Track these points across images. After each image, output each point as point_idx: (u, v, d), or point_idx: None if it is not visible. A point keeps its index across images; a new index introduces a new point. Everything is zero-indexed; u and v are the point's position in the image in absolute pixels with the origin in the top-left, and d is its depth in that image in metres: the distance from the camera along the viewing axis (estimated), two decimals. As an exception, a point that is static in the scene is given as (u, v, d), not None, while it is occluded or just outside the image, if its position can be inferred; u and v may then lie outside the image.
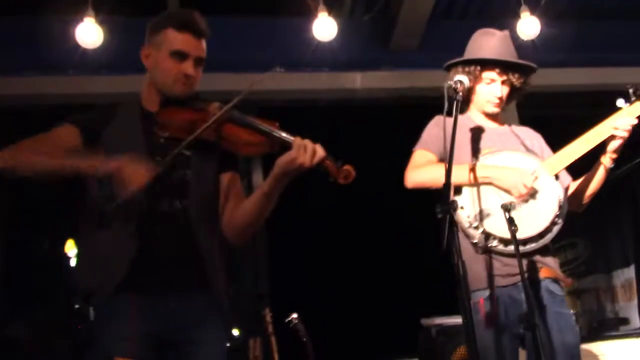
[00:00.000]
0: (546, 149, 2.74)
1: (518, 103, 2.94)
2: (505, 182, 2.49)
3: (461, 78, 2.35)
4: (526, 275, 2.38)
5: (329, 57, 4.96)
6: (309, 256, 5.54)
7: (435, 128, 2.73)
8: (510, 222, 2.27)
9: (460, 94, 2.31)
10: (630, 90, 2.51)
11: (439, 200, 2.08)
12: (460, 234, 2.36)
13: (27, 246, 5.26)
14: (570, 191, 2.68)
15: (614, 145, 2.52)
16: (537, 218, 2.46)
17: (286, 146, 2.01)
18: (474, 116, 2.77)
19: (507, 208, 2.29)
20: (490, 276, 2.45)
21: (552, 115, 5.05)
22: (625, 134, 2.49)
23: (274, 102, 5.10)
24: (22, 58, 4.70)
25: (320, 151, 1.97)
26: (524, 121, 3.34)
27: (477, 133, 2.67)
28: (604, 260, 6.70)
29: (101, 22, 4.22)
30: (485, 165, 2.54)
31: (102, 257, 2.00)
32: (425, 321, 4.31)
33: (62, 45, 4.43)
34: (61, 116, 2.12)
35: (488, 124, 2.73)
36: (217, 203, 2.17)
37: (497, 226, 2.43)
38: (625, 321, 6.07)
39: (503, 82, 2.68)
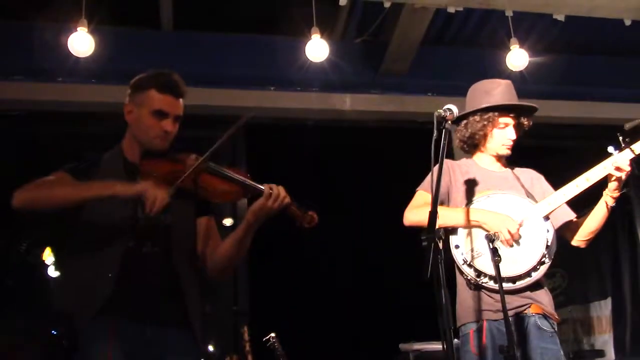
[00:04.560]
0: (548, 189, 2.84)
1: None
2: (491, 228, 2.59)
3: (451, 107, 2.37)
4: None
5: (320, 78, 5.00)
6: (291, 276, 5.52)
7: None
8: (494, 252, 2.36)
9: (449, 122, 2.33)
10: (620, 138, 2.59)
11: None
12: (455, 270, 2.64)
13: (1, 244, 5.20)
14: (574, 228, 2.79)
15: (611, 185, 2.62)
16: (524, 258, 2.59)
17: (258, 193, 2.18)
18: (480, 159, 2.88)
19: (490, 238, 2.42)
20: (481, 310, 2.58)
21: (537, 146, 5.09)
22: (621, 174, 2.56)
23: (262, 120, 5.12)
24: (13, 63, 4.68)
25: (286, 198, 2.18)
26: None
27: (471, 184, 2.79)
28: (582, 291, 6.74)
29: (93, 32, 4.22)
30: (477, 209, 2.67)
31: (86, 282, 2.12)
32: (404, 346, 4.31)
33: (53, 53, 4.44)
34: (49, 122, 2.19)
35: (493, 167, 2.85)
36: (196, 243, 2.34)
37: (488, 265, 2.55)
38: (600, 353, 6.10)
39: (515, 126, 2.82)
